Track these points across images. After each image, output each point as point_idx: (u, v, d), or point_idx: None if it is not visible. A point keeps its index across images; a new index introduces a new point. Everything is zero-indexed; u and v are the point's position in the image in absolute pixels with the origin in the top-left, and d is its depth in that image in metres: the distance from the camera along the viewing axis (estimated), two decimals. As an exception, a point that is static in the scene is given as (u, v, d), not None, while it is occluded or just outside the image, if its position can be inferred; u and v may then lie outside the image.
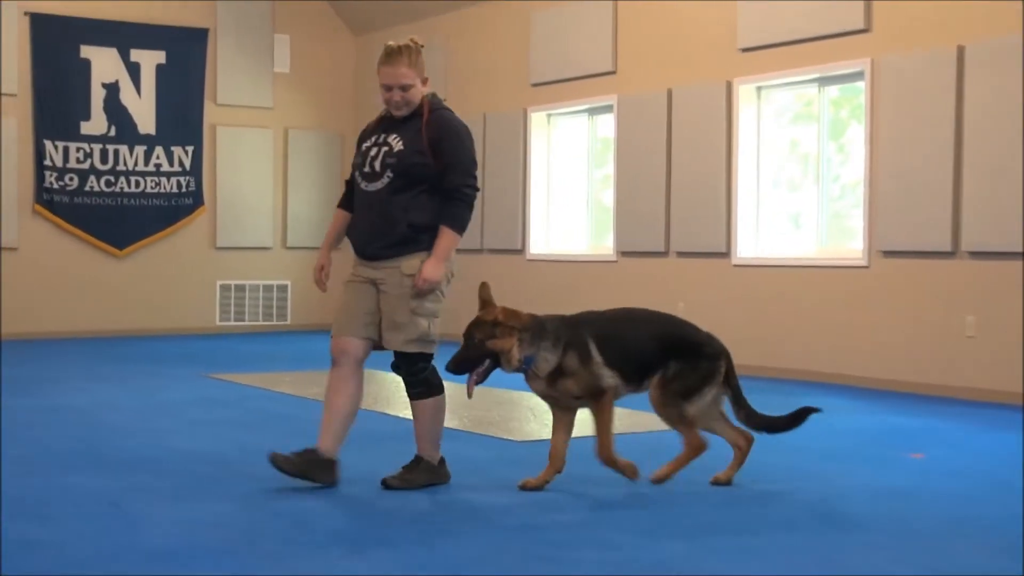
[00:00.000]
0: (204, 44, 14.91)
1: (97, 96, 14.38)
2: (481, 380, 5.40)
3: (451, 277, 5.57)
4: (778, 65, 10.52)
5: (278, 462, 5.35)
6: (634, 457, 5.55)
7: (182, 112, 14.81)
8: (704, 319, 10.96)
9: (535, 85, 13.07)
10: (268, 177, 15.38)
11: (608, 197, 12.45)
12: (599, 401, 5.34)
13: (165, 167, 14.70)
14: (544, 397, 5.52)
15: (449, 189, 5.42)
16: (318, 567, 4.23)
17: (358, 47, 15.92)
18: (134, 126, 14.56)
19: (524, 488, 5.44)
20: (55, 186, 14.18)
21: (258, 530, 4.81)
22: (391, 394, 8.53)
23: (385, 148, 5.47)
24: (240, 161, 15.19)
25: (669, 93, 11.44)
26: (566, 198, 13.20)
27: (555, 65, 12.80)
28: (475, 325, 5.42)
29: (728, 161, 10.89)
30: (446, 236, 5.40)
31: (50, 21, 14.10)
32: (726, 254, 10.96)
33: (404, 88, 5.46)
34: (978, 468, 6.29)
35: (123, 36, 14.45)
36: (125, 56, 14.48)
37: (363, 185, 5.50)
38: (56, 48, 14.15)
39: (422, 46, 5.64)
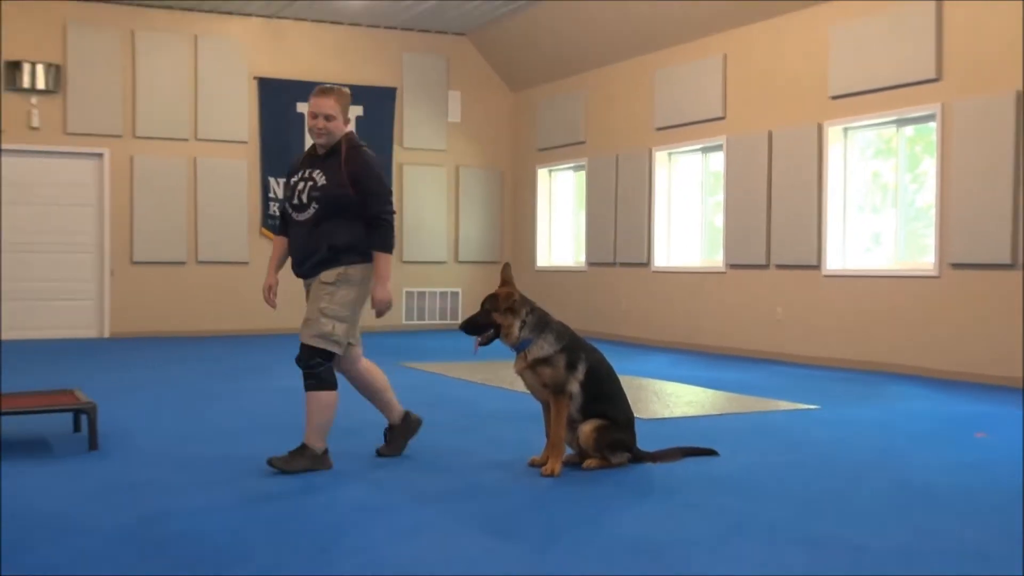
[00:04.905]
0: (393, 100, 15.17)
1: (309, 142, 14.67)
2: (484, 343, 5.25)
3: (367, 296, 5.26)
4: (862, 109, 10.34)
5: (385, 452, 5.57)
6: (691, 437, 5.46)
7: (376, 154, 15.06)
8: (799, 321, 10.93)
9: (658, 129, 13.02)
10: (443, 206, 15.59)
11: (719, 220, 12.34)
12: (559, 398, 5.16)
13: (362, 198, 14.98)
14: (519, 374, 5.31)
15: (371, 217, 5.14)
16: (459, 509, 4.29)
17: (515, 101, 16.06)
18: (338, 166, 14.85)
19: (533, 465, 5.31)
20: (277, 213, 14.53)
21: (414, 479, 4.90)
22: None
23: (311, 183, 5.18)
24: (421, 193, 15.42)
25: (769, 134, 11.33)
26: (684, 221, 13.10)
27: (674, 112, 12.75)
28: (490, 298, 5.24)
29: (819, 189, 10.74)
30: (381, 259, 5.15)
31: (273, 84, 14.50)
32: (817, 266, 10.80)
33: (327, 118, 5.17)
34: (1035, 446, 6.10)
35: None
36: (331, 110, 14.78)
37: (293, 215, 5.25)
38: (277, 104, 14.53)
39: (349, 94, 5.38)
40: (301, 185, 5.22)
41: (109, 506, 4.49)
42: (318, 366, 5.16)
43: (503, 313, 5.17)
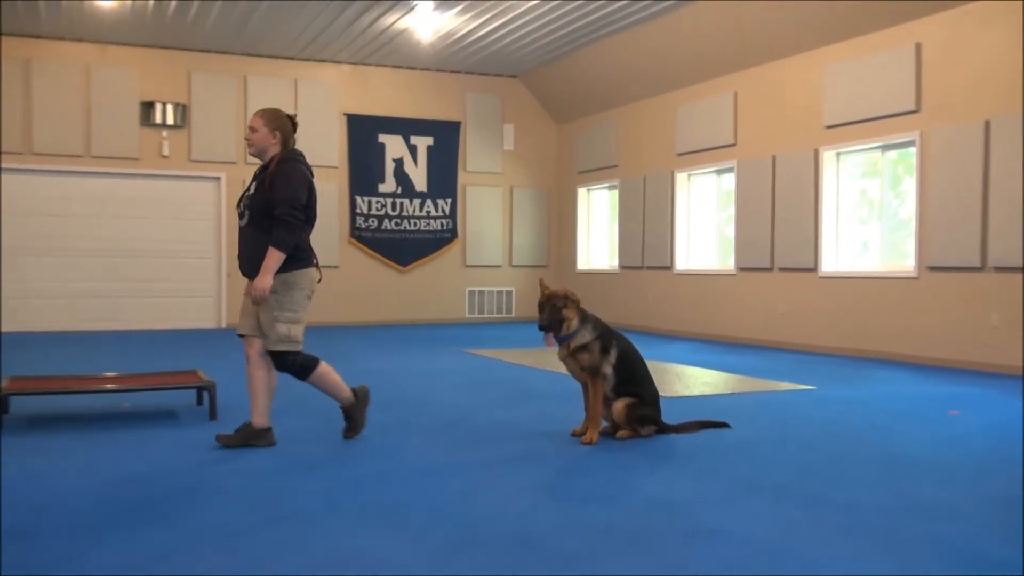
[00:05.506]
0: (458, 131, 15.21)
1: (389, 167, 14.81)
2: (555, 336, 5.19)
3: (311, 293, 4.97)
4: (852, 137, 10.20)
5: (221, 441, 4.93)
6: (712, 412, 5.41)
7: (444, 177, 15.14)
8: (799, 315, 10.80)
9: (679, 154, 12.94)
10: (499, 219, 15.60)
11: (730, 230, 12.23)
12: (596, 379, 5.15)
13: (433, 213, 15.05)
14: (563, 361, 5.28)
15: (275, 217, 4.75)
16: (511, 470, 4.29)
17: (559, 131, 16.03)
18: (413, 186, 14.94)
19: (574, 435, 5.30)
20: (362, 226, 14.66)
21: (473, 447, 4.90)
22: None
23: (247, 193, 4.91)
24: (481, 209, 15.45)
25: (773, 158, 11.20)
26: (700, 231, 13.00)
27: (693, 140, 12.65)
28: (558, 297, 5.18)
29: (816, 204, 10.61)
30: (270, 254, 4.73)
31: (359, 119, 14.60)
32: (814, 269, 10.67)
33: (252, 131, 4.88)
34: (999, 420, 5.98)
35: (406, 127, 14.86)
36: (407, 140, 14.88)
37: (239, 222, 4.94)
38: (363, 135, 14.64)
39: (290, 116, 5.01)
40: (243, 195, 4.97)
41: (225, 466, 4.55)
42: (291, 363, 4.93)
43: (571, 309, 5.17)
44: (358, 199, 14.59)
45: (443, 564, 3.11)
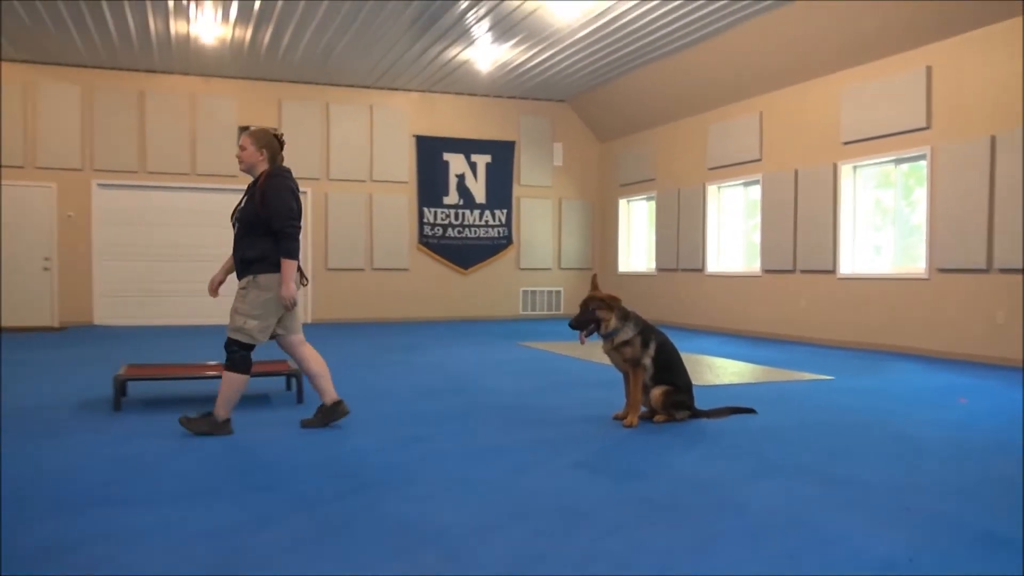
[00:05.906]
0: (513, 150, 15.22)
1: (452, 182, 14.88)
2: (588, 336, 5.15)
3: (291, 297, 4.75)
4: (868, 152, 10.02)
5: (305, 424, 5.00)
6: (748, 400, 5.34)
7: (500, 190, 15.16)
8: (819, 313, 10.63)
9: (710, 168, 12.81)
10: (549, 227, 15.56)
11: (756, 236, 12.07)
12: (636, 369, 5.11)
13: (491, 222, 15.08)
14: (607, 354, 5.23)
15: (275, 231, 4.66)
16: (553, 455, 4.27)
17: (602, 149, 15.97)
18: (473, 199, 14.99)
19: (616, 418, 5.26)
20: (429, 234, 14.75)
21: (526, 428, 4.89)
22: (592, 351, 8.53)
23: (239, 205, 4.82)
24: (533, 218, 15.44)
25: (796, 172, 11.04)
26: (729, 237, 12.85)
27: (722, 156, 12.51)
28: (591, 299, 5.16)
29: (834, 212, 10.43)
30: (284, 265, 4.66)
31: (427, 139, 14.69)
32: (833, 271, 10.49)
33: (241, 148, 4.79)
34: (1003, 408, 5.82)
35: (467, 146, 14.91)
36: (468, 158, 14.94)
37: (233, 231, 4.85)
38: (430, 154, 14.73)
39: (276, 133, 4.89)
40: (236, 208, 4.86)
41: (309, 443, 4.62)
42: (235, 352, 4.73)
43: (605, 311, 5.15)
44: (425, 210, 14.69)
45: (499, 531, 3.13)
